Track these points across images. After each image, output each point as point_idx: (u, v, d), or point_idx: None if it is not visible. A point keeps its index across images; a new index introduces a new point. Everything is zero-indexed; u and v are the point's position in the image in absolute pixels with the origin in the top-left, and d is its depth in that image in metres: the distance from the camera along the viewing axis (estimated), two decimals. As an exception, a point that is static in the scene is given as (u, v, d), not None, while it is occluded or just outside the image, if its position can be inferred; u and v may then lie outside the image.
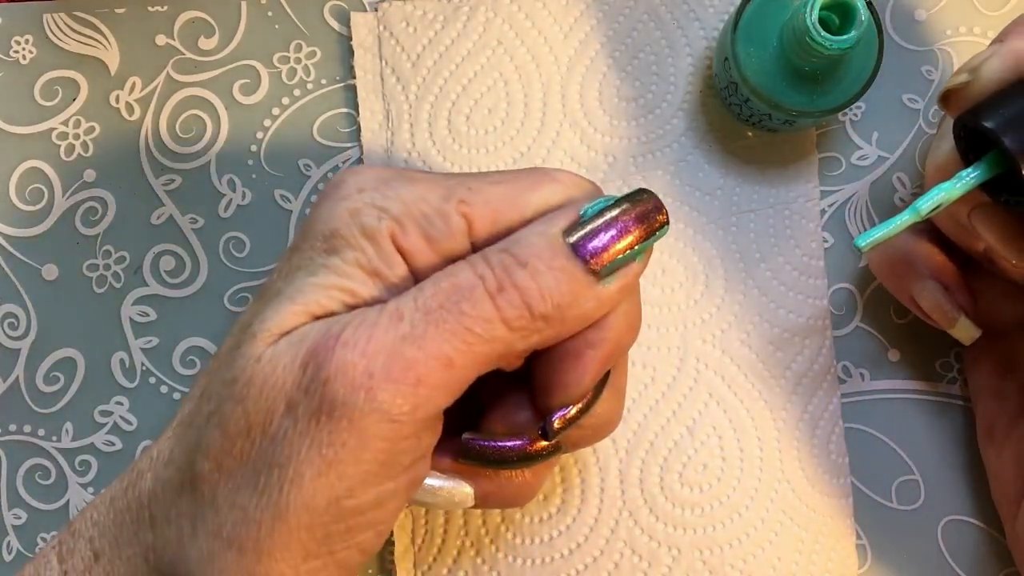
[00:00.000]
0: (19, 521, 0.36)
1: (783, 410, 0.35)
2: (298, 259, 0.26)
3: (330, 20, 0.38)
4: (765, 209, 0.36)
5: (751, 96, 0.33)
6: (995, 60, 0.27)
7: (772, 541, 0.35)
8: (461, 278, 0.25)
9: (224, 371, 0.25)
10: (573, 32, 0.37)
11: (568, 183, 0.27)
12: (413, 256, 0.25)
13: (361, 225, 0.25)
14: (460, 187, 0.26)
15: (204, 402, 0.25)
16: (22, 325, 0.37)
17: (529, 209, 0.26)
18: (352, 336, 0.24)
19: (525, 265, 0.25)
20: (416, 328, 0.24)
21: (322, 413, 0.23)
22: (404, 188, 0.26)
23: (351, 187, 0.26)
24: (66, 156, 0.37)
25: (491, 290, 0.25)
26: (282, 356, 0.24)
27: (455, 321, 0.24)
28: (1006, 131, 0.26)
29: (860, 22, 0.30)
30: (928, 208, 0.28)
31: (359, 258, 0.25)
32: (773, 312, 0.36)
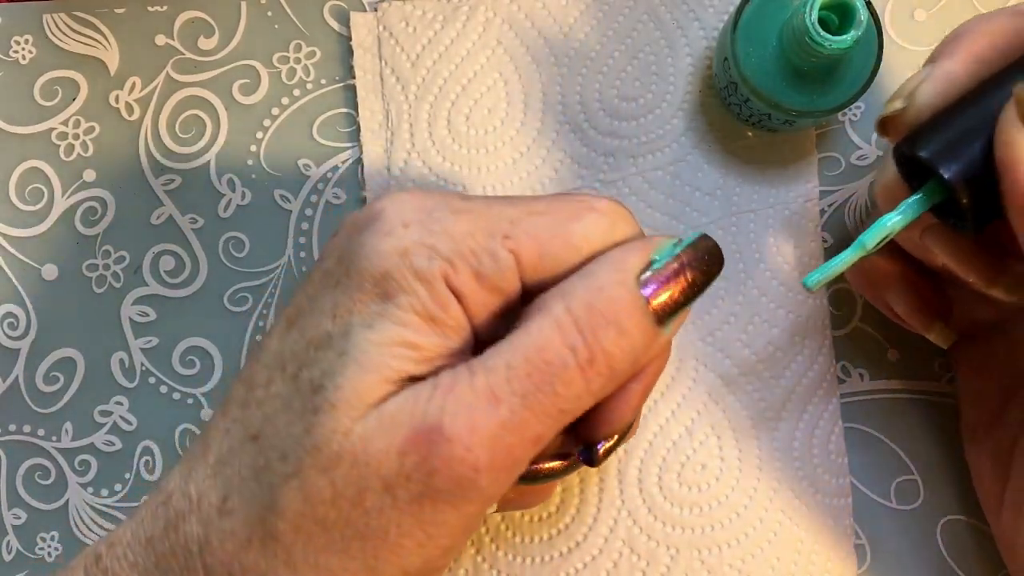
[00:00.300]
0: (19, 521, 0.36)
1: (782, 410, 0.35)
2: (347, 302, 0.25)
3: (330, 20, 0.38)
4: (765, 209, 0.36)
5: (751, 96, 0.33)
6: (927, 84, 0.27)
7: (771, 541, 0.35)
8: (552, 353, 0.25)
9: (302, 435, 0.24)
10: (573, 32, 0.37)
11: (607, 211, 0.27)
12: (465, 296, 0.25)
13: (413, 267, 0.25)
14: (502, 220, 0.26)
15: (272, 457, 0.25)
16: (22, 325, 0.37)
17: (573, 240, 0.26)
18: (453, 428, 0.24)
19: (611, 324, 0.25)
20: (515, 415, 0.24)
21: (425, 498, 0.24)
22: (449, 222, 0.25)
23: (394, 221, 0.25)
24: (66, 156, 0.37)
25: (582, 363, 0.25)
26: (375, 439, 0.24)
27: (550, 403, 0.25)
28: (941, 160, 0.25)
29: (859, 22, 0.30)
30: (874, 242, 0.27)
31: (414, 304, 0.25)
32: (772, 312, 0.36)
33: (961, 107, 0.26)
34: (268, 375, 0.26)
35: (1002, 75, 0.26)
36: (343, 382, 0.24)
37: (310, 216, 0.37)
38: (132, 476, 0.36)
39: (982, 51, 0.27)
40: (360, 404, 0.24)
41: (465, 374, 0.25)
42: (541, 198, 0.27)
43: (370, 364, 0.24)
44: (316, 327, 0.25)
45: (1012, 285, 0.29)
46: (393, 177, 0.36)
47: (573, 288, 0.25)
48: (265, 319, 0.36)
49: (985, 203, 0.25)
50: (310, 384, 0.25)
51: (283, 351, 0.26)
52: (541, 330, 0.25)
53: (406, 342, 0.25)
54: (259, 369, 0.26)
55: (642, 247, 0.26)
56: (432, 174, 0.36)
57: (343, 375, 0.24)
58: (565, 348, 0.25)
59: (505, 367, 0.25)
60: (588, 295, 0.25)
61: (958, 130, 0.26)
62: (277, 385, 0.25)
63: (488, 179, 0.36)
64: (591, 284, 0.25)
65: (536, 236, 0.26)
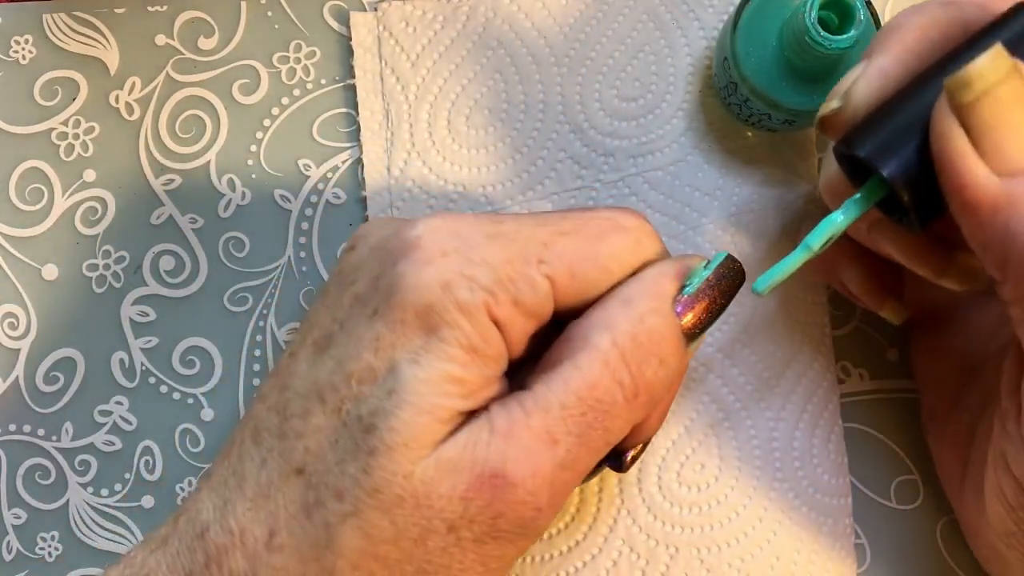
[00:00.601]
0: (19, 521, 0.36)
1: (782, 409, 0.35)
2: (389, 335, 0.25)
3: (330, 20, 0.38)
4: (765, 209, 0.36)
5: (750, 96, 0.33)
6: (861, 82, 0.27)
7: (770, 540, 0.35)
8: (603, 391, 0.26)
9: (360, 475, 0.25)
10: (573, 32, 0.37)
11: (633, 228, 0.28)
12: (505, 325, 0.26)
13: (456, 300, 0.25)
14: (535, 244, 0.26)
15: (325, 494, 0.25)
16: (22, 325, 0.37)
17: (602, 260, 0.27)
18: (517, 473, 0.25)
19: (653, 355, 0.26)
20: (570, 453, 0.25)
21: (488, 538, 0.25)
22: (486, 249, 0.26)
23: (433, 249, 0.25)
24: (66, 156, 0.37)
25: (628, 397, 0.26)
26: (437, 483, 0.25)
27: (600, 438, 0.26)
28: (879, 158, 0.25)
29: (859, 21, 0.30)
30: (819, 243, 0.27)
31: (458, 337, 0.25)
32: (772, 312, 0.36)
33: (896, 103, 0.26)
34: (304, 405, 0.26)
35: (935, 68, 0.26)
36: (397, 424, 0.24)
37: (310, 216, 0.37)
38: (132, 476, 0.36)
39: (915, 44, 0.26)
40: (417, 447, 0.25)
41: (520, 415, 0.25)
42: (568, 216, 0.28)
43: (423, 405, 0.25)
44: (356, 359, 0.25)
45: (961, 276, 0.28)
46: (393, 177, 0.36)
47: (615, 319, 0.26)
48: (265, 319, 0.36)
49: (927, 199, 0.25)
50: (359, 423, 0.25)
51: (318, 380, 0.26)
52: (592, 367, 0.25)
53: (452, 378, 0.25)
54: (292, 397, 0.26)
55: (675, 272, 0.27)
56: (432, 174, 0.36)
57: (396, 417, 0.24)
58: (615, 384, 0.26)
59: (559, 407, 0.25)
60: (631, 327, 0.26)
61: (894, 127, 0.25)
62: (318, 418, 0.25)
63: (488, 179, 0.36)
64: (632, 315, 0.26)
65: (568, 259, 0.26)
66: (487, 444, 0.25)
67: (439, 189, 0.36)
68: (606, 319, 0.26)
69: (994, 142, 0.23)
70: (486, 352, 0.25)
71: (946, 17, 0.27)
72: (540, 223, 0.27)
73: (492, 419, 0.25)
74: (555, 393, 0.25)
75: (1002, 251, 0.24)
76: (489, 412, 0.26)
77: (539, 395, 0.25)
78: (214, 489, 0.26)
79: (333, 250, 0.37)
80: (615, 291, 0.27)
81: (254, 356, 0.36)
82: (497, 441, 0.25)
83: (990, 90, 0.23)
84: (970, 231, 0.24)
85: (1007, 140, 0.23)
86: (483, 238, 0.26)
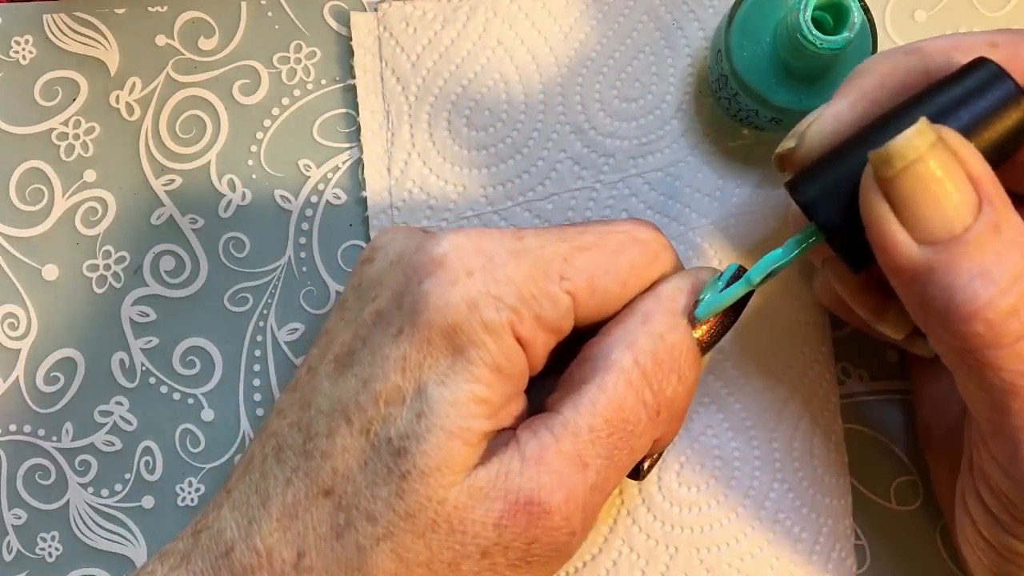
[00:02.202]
0: (19, 521, 0.36)
1: (782, 410, 0.35)
2: (415, 355, 0.25)
3: (330, 20, 0.38)
4: (764, 210, 0.36)
5: (740, 91, 0.33)
6: (816, 125, 0.27)
7: (770, 540, 0.35)
8: (629, 411, 0.26)
9: (392, 499, 0.25)
10: (573, 32, 0.37)
11: (650, 241, 0.28)
12: (528, 343, 0.26)
13: (483, 320, 0.25)
14: (557, 259, 0.27)
15: (356, 517, 0.25)
16: (22, 325, 0.37)
17: (621, 275, 0.27)
18: (551, 500, 0.25)
19: (673, 372, 0.27)
20: (600, 475, 0.26)
21: (522, 562, 0.25)
22: (511, 267, 0.26)
23: (458, 268, 0.26)
24: (66, 156, 0.37)
25: (651, 415, 0.27)
26: (471, 509, 0.25)
27: (627, 457, 0.26)
28: (815, 205, 0.26)
29: (852, 23, 0.30)
30: (759, 277, 0.28)
31: (484, 358, 0.25)
32: (771, 313, 0.36)
33: (842, 151, 0.26)
34: (329, 425, 0.26)
35: (886, 117, 0.26)
36: (430, 449, 0.25)
37: (310, 216, 0.37)
38: (132, 476, 0.36)
39: (872, 90, 0.27)
40: (450, 472, 0.25)
41: (550, 440, 0.26)
42: (587, 229, 0.28)
43: (452, 429, 0.25)
44: (383, 379, 0.26)
45: (895, 324, 0.29)
46: (393, 177, 0.36)
47: (635, 337, 0.27)
48: (265, 319, 0.37)
49: (860, 248, 0.26)
50: (389, 445, 0.25)
51: (343, 399, 0.26)
52: (616, 388, 0.26)
53: (479, 398, 0.25)
54: (315, 416, 0.26)
55: (691, 288, 0.28)
56: (432, 174, 0.36)
57: (428, 441, 0.25)
58: (639, 403, 0.26)
59: (588, 430, 0.26)
60: (651, 344, 0.27)
61: (835, 175, 0.26)
62: (344, 438, 0.25)
63: (488, 179, 0.36)
64: (652, 331, 0.27)
65: (589, 273, 0.27)
66: (519, 472, 0.25)
67: (439, 189, 0.36)
68: (626, 337, 0.27)
69: (913, 213, 0.24)
70: (510, 371, 0.26)
71: (907, 65, 0.27)
72: (561, 238, 0.27)
73: (522, 446, 0.26)
74: (583, 416, 0.26)
75: (922, 313, 0.24)
76: (518, 439, 0.26)
77: (568, 419, 0.26)
78: (236, 507, 0.26)
79: (333, 250, 0.37)
80: (633, 306, 0.28)
81: (254, 356, 0.36)
82: (529, 468, 0.25)
83: (910, 167, 0.23)
84: (896, 289, 0.25)
85: (926, 211, 0.23)
86: (507, 255, 0.26)
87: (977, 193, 0.23)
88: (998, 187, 0.24)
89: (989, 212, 0.23)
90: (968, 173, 0.23)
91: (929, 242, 0.23)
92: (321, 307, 0.37)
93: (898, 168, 0.23)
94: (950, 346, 0.24)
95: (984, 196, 0.23)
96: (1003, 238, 0.23)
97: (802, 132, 0.28)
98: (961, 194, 0.23)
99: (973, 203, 0.23)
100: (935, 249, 0.23)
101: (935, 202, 0.23)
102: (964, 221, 0.23)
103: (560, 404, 0.27)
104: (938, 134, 0.24)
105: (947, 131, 0.24)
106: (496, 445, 0.26)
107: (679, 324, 0.27)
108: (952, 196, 0.23)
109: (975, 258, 0.23)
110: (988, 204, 0.23)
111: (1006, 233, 0.23)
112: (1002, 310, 0.23)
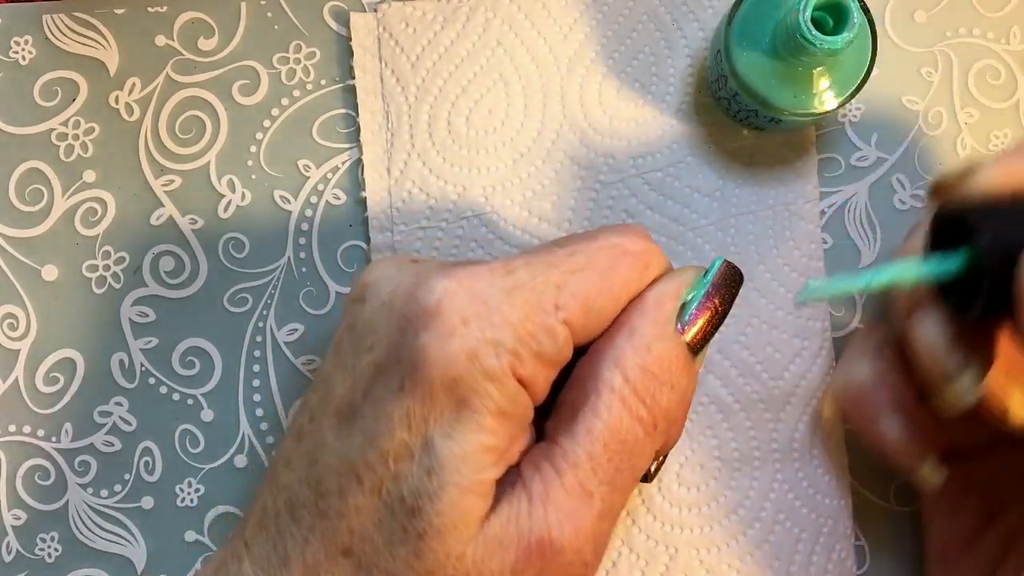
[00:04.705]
0: (19, 522, 0.36)
1: (781, 411, 0.35)
2: (419, 410, 0.25)
3: (330, 21, 0.38)
4: (764, 211, 0.36)
5: (739, 91, 0.33)
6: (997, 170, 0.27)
7: (770, 541, 0.35)
8: (625, 432, 0.26)
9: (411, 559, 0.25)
10: (573, 33, 0.37)
11: (641, 252, 0.28)
12: (530, 382, 0.26)
13: (483, 369, 0.25)
14: (550, 288, 0.26)
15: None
16: (22, 325, 0.37)
17: (614, 291, 0.27)
18: (561, 538, 0.25)
19: (664, 383, 0.27)
20: (605, 501, 0.26)
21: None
22: (505, 308, 0.26)
23: (453, 318, 0.25)
24: (66, 156, 0.37)
25: (648, 430, 0.26)
26: (487, 561, 0.25)
27: (630, 476, 0.26)
28: (988, 225, 0.25)
29: (852, 24, 0.30)
30: (880, 283, 0.27)
31: (488, 405, 0.25)
32: (771, 314, 0.36)
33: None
34: (340, 483, 0.26)
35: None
36: (443, 507, 0.25)
37: (310, 217, 0.37)
38: (132, 477, 0.36)
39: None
40: (465, 527, 0.25)
41: (552, 475, 0.26)
42: (576, 249, 0.27)
43: (464, 484, 0.25)
44: (388, 436, 0.25)
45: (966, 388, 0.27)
46: (393, 178, 0.36)
47: (623, 353, 0.26)
48: (265, 320, 0.36)
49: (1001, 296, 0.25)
50: (403, 504, 0.25)
51: (351, 457, 0.26)
52: (610, 411, 0.26)
53: (487, 447, 0.25)
54: (324, 473, 0.26)
55: (675, 292, 0.27)
56: (432, 175, 0.36)
57: (441, 500, 0.25)
58: (634, 422, 0.26)
59: (588, 459, 0.26)
60: (639, 359, 0.26)
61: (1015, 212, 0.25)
62: (356, 497, 0.25)
63: (488, 180, 0.36)
64: (639, 344, 0.26)
65: (583, 297, 0.26)
66: (528, 515, 0.25)
67: (439, 190, 0.36)
68: (614, 354, 0.26)
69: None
70: (514, 412, 0.26)
71: None
72: (551, 263, 0.27)
73: (528, 486, 0.26)
74: (581, 446, 0.26)
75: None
76: (523, 477, 0.26)
77: (567, 451, 0.26)
78: (257, 563, 0.27)
79: (333, 251, 0.37)
80: (620, 319, 0.27)
81: (254, 357, 0.36)
82: (537, 509, 0.25)
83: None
84: None
85: None
86: (500, 295, 0.26)
87: None
88: None
89: None
90: None
91: None
92: (321, 307, 0.37)
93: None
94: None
95: None
96: None
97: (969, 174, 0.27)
98: None
99: None
100: None
101: None
102: None
103: (557, 433, 0.27)
104: None
105: None
106: (503, 485, 0.26)
107: (665, 333, 0.27)
108: None
109: None
110: None
111: None
112: None
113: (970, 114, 0.37)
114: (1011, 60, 0.37)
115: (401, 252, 0.36)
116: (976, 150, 0.37)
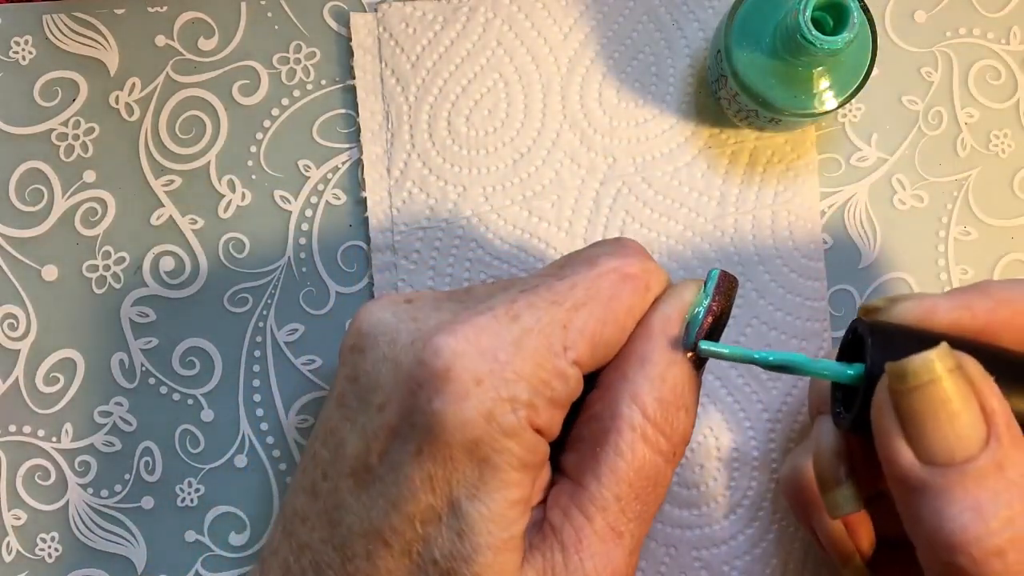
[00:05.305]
0: (19, 522, 0.36)
1: (779, 411, 0.36)
2: (441, 472, 0.25)
3: (330, 21, 0.38)
4: (764, 211, 0.36)
5: (740, 90, 0.33)
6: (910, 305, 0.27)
7: (769, 540, 0.35)
8: (649, 467, 0.26)
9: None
10: (573, 33, 0.37)
11: (640, 273, 0.27)
12: (545, 428, 0.26)
13: (501, 428, 0.25)
14: (557, 329, 0.26)
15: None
16: (22, 325, 0.37)
17: (619, 320, 0.27)
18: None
19: (680, 408, 0.27)
20: (635, 536, 0.26)
21: None
22: (516, 360, 0.25)
23: (466, 380, 0.25)
24: (66, 157, 0.37)
25: (668, 459, 0.27)
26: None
27: (654, 506, 0.27)
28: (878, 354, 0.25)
29: (852, 24, 0.30)
30: (775, 362, 0.26)
31: (509, 460, 0.25)
32: (771, 314, 0.36)
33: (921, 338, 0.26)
34: (367, 547, 0.26)
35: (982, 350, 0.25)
36: (480, 569, 0.25)
37: (310, 217, 0.37)
38: (132, 477, 0.36)
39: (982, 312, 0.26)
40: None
41: (583, 522, 0.26)
42: (576, 282, 0.27)
43: (495, 543, 0.25)
44: (412, 500, 0.25)
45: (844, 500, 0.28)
46: (393, 178, 0.36)
47: (639, 388, 0.26)
48: (265, 320, 0.36)
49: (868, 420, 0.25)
50: (436, 566, 0.25)
51: (375, 522, 0.26)
52: (633, 450, 0.26)
53: (513, 502, 0.25)
54: (348, 536, 0.26)
55: (678, 313, 0.27)
56: (432, 175, 0.36)
57: (476, 562, 0.25)
58: (656, 455, 0.26)
59: (615, 500, 0.26)
60: (655, 391, 0.26)
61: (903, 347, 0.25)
62: (386, 561, 0.25)
63: (488, 181, 0.36)
64: (652, 375, 0.27)
65: (590, 333, 0.26)
66: (564, 566, 0.26)
67: (439, 190, 0.36)
68: (629, 388, 0.26)
69: (918, 431, 0.23)
70: (535, 460, 0.26)
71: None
72: (554, 300, 0.26)
73: (559, 534, 0.26)
74: (607, 488, 0.26)
75: (910, 522, 0.24)
76: (553, 525, 0.26)
77: (594, 495, 0.26)
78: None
79: (333, 251, 0.37)
80: (628, 349, 0.27)
81: (254, 357, 0.36)
82: (572, 559, 0.26)
83: (923, 386, 0.23)
84: (891, 489, 0.25)
85: (931, 433, 0.23)
86: (510, 347, 0.25)
87: (987, 426, 0.23)
88: (1013, 426, 0.23)
89: (995, 448, 0.23)
90: (983, 405, 0.23)
91: (929, 463, 0.23)
92: (321, 307, 0.37)
93: (911, 385, 0.23)
94: (932, 561, 0.24)
95: (994, 431, 0.23)
96: (1005, 477, 0.23)
97: (895, 302, 0.27)
98: (970, 424, 0.23)
99: (981, 436, 0.23)
100: (934, 471, 0.23)
101: (941, 427, 0.23)
102: (968, 451, 0.23)
103: (581, 475, 0.27)
104: (958, 361, 0.23)
105: (968, 361, 0.24)
106: (532, 530, 0.26)
107: (676, 358, 0.27)
108: (959, 424, 0.23)
109: (971, 491, 0.23)
110: (996, 440, 0.23)
111: (1009, 473, 0.23)
112: (988, 549, 0.22)
113: (970, 114, 0.37)
114: (1011, 60, 0.37)
115: (401, 252, 0.36)
116: (976, 150, 0.37)
